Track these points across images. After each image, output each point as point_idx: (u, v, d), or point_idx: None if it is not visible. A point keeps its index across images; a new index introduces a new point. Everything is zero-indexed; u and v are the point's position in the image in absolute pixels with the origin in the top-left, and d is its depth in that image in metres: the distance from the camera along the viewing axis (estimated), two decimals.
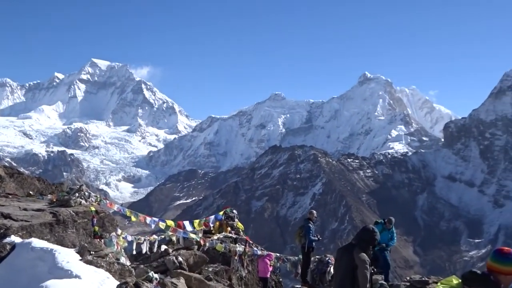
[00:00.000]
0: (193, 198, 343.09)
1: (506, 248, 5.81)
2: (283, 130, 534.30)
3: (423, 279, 17.08)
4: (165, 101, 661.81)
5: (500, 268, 5.65)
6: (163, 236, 19.38)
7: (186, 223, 19.36)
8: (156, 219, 18.45)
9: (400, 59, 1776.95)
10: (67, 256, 10.32)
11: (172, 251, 18.08)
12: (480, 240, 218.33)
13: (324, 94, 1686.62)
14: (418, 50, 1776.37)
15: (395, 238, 19.03)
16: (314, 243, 19.59)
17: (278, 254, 24.15)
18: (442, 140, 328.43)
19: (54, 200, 17.82)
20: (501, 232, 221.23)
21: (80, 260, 10.72)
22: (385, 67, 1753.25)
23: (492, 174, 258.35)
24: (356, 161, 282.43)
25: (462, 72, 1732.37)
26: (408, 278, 18.33)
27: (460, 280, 5.70)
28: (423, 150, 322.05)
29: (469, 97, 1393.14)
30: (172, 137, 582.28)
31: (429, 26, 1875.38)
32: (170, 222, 18.71)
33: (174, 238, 19.38)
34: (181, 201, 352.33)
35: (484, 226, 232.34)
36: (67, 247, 12.63)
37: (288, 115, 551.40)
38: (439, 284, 5.73)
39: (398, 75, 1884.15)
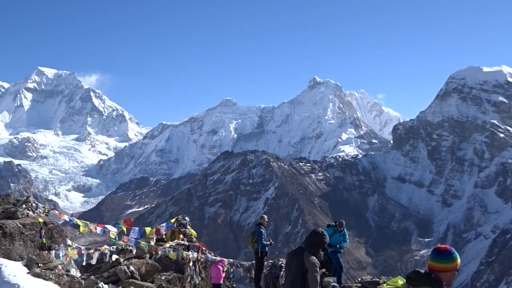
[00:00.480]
0: (146, 206, 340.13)
1: (443, 246, 5.99)
2: (235, 135, 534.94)
3: (374, 279, 17.35)
4: (115, 108, 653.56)
5: (439, 266, 5.80)
6: (114, 247, 19.10)
7: (135, 229, 19.03)
8: (110, 227, 18.03)
9: (348, 63, 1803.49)
10: (14, 270, 10.10)
11: (124, 261, 17.82)
12: (430, 239, 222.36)
13: (275, 99, 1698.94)
14: (366, 54, 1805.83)
15: (347, 240, 19.33)
16: (267, 248, 19.66)
17: (231, 260, 24.18)
18: (391, 142, 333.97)
19: (0, 212, 17.38)
20: (450, 231, 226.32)
21: (28, 273, 10.50)
22: (334, 71, 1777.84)
23: (440, 174, 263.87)
24: (308, 164, 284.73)
25: (409, 75, 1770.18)
26: (359, 279, 18.59)
27: (405, 280, 5.83)
28: (373, 153, 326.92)
29: (416, 100, 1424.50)
30: (122, 145, 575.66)
31: (376, 30, 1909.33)
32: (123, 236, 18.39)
33: (127, 247, 19.15)
34: (133, 210, 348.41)
35: (434, 225, 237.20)
36: (15, 260, 12.37)
37: (239, 121, 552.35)
38: (384, 285, 5.84)
39: (347, 79, 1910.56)
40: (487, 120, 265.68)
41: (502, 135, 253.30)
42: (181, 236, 23.71)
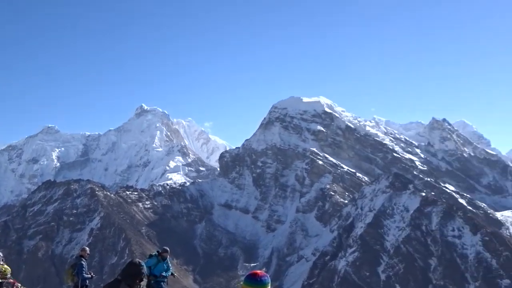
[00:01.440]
0: None
1: (260, 271, 6.35)
2: (58, 164, 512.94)
3: None
4: None
5: None
6: None
7: None
8: None
9: (175, 92, 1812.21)
10: None
11: None
12: (255, 264, 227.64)
13: (100, 127, 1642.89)
14: (193, 83, 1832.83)
15: (171, 268, 18.95)
16: (87, 281, 18.66)
17: None
18: (218, 169, 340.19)
19: None
20: (274, 255, 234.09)
21: None
22: (161, 99, 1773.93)
23: (264, 200, 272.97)
24: (135, 193, 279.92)
25: (235, 104, 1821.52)
26: None
27: None
28: (200, 180, 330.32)
29: (242, 128, 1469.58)
30: None
31: (202, 60, 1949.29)
32: None
33: None
34: None
35: (259, 250, 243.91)
36: None
37: (62, 149, 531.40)
38: None
39: (175, 107, 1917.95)
40: (307, 148, 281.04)
41: (320, 162, 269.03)
42: None
